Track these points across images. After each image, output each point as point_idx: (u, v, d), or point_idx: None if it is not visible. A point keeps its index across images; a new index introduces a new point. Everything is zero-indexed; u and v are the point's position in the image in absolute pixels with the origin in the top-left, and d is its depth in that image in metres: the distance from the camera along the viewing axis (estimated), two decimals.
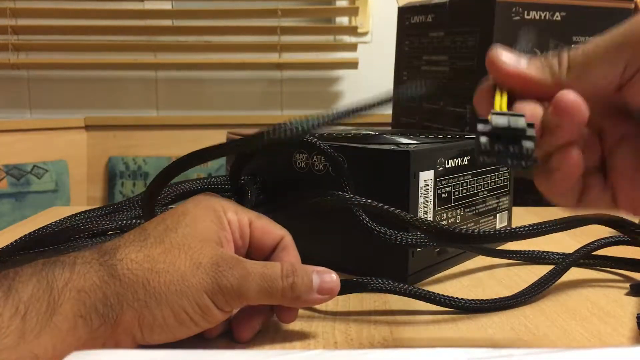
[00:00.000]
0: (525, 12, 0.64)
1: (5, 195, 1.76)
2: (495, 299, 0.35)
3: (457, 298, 0.35)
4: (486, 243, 0.40)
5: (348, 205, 0.36)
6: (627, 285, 0.40)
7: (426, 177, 0.39)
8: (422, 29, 0.74)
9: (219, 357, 0.24)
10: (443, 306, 0.35)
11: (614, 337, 0.32)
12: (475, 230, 0.34)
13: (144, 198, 0.36)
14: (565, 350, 0.23)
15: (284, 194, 0.42)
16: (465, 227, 0.43)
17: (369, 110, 0.29)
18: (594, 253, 0.42)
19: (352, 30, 2.02)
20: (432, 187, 0.39)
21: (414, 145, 0.39)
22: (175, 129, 2.00)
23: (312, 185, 0.41)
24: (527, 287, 0.37)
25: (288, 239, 0.35)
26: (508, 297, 0.36)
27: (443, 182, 0.40)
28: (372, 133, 0.49)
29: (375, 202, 0.35)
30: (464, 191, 0.43)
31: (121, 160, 1.94)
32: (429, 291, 0.35)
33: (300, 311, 0.35)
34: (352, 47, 2.02)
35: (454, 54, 0.69)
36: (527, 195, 0.73)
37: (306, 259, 0.43)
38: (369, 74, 2.06)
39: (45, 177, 1.84)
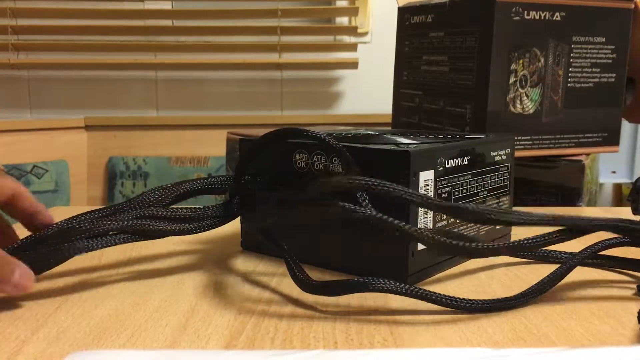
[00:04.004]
0: (525, 12, 0.64)
1: None
2: (496, 299, 0.35)
3: (457, 298, 0.35)
4: (488, 256, 0.40)
5: (354, 217, 0.36)
6: (628, 285, 0.40)
7: (426, 177, 0.39)
8: (422, 29, 0.74)
9: (219, 357, 0.24)
10: (443, 306, 0.35)
11: (614, 337, 0.32)
12: (479, 245, 0.34)
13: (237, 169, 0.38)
14: (565, 350, 0.23)
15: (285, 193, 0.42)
16: (465, 228, 0.43)
17: None
18: (599, 253, 0.42)
19: (352, 30, 2.02)
20: (432, 187, 0.39)
21: (414, 145, 0.39)
22: (175, 129, 2.01)
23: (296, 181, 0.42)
24: (529, 288, 0.37)
25: (21, 190, 0.37)
26: (510, 297, 0.36)
27: (443, 182, 0.40)
28: (372, 133, 0.49)
29: (376, 214, 0.35)
30: (464, 191, 0.43)
31: (121, 160, 1.94)
32: (429, 291, 0.35)
33: (300, 311, 0.35)
34: (352, 47, 2.02)
35: (454, 54, 0.69)
36: (527, 195, 0.73)
37: (306, 259, 0.43)
38: (369, 74, 2.06)
39: (45, 177, 1.84)
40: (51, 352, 0.29)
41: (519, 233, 0.51)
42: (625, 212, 0.53)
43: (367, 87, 2.07)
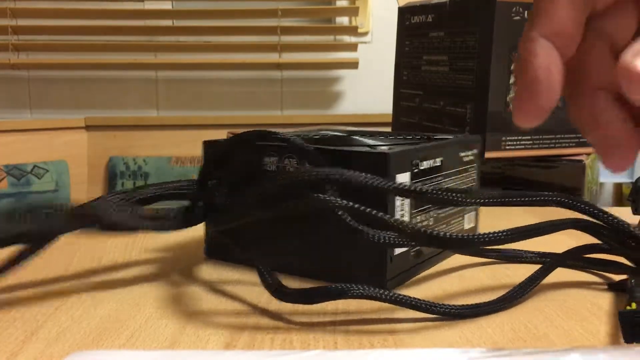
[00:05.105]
0: (526, 12, 0.64)
1: (5, 196, 1.76)
2: (474, 304, 0.35)
3: (436, 303, 0.34)
4: (466, 247, 0.40)
5: (329, 208, 0.35)
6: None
7: (403, 179, 0.38)
8: (422, 29, 0.74)
9: (219, 357, 0.24)
10: (422, 312, 0.34)
11: (614, 337, 0.32)
12: (460, 235, 0.33)
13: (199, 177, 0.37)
14: (565, 350, 0.23)
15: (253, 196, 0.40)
16: (441, 229, 0.43)
17: None
18: (581, 256, 0.42)
19: (352, 30, 2.02)
20: None
21: (389, 147, 0.39)
22: (175, 129, 2.01)
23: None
24: (510, 290, 0.36)
25: None
26: (489, 302, 0.35)
27: (418, 184, 0.40)
28: (341, 135, 0.48)
29: (357, 205, 0.34)
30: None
31: (121, 160, 1.94)
32: (407, 296, 0.34)
33: (300, 311, 0.35)
34: (352, 47, 2.02)
35: (454, 54, 0.69)
36: None
37: (281, 267, 0.41)
38: (369, 74, 2.06)
39: (46, 177, 1.84)
40: (51, 352, 0.29)
41: None
42: (625, 212, 0.53)
43: (367, 87, 2.07)
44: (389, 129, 0.77)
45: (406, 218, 0.39)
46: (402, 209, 0.39)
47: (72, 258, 0.46)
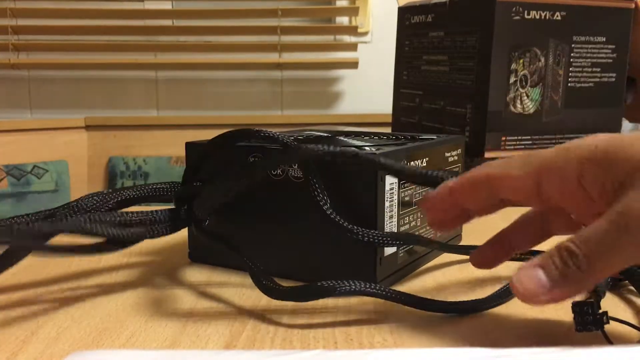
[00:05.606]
0: (526, 12, 0.64)
1: (5, 196, 1.76)
2: (468, 300, 0.35)
3: (427, 299, 0.34)
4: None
5: (314, 157, 0.34)
6: (627, 287, 0.40)
7: (391, 180, 0.38)
8: (422, 29, 0.74)
9: (219, 357, 0.24)
10: (413, 307, 0.34)
11: (614, 337, 0.32)
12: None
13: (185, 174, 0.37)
14: (566, 350, 0.23)
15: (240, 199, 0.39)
16: (425, 232, 0.43)
17: None
18: None
19: (352, 30, 2.02)
20: (397, 190, 0.39)
21: (377, 148, 0.39)
22: (175, 129, 2.01)
23: (270, 189, 0.39)
24: (504, 286, 0.36)
25: None
26: (488, 297, 0.35)
27: (405, 186, 0.40)
28: (325, 135, 0.48)
29: (340, 150, 0.34)
30: (423, 194, 0.42)
31: (121, 160, 1.94)
32: (399, 291, 0.34)
33: (300, 311, 0.35)
34: (352, 47, 2.02)
35: (454, 54, 0.69)
36: None
37: (269, 271, 0.39)
38: (369, 74, 2.06)
39: (46, 177, 1.84)
40: (51, 352, 0.29)
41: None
42: None
43: (367, 87, 2.07)
44: (388, 129, 0.77)
45: (394, 219, 0.39)
46: (390, 210, 0.39)
47: (71, 259, 0.46)
